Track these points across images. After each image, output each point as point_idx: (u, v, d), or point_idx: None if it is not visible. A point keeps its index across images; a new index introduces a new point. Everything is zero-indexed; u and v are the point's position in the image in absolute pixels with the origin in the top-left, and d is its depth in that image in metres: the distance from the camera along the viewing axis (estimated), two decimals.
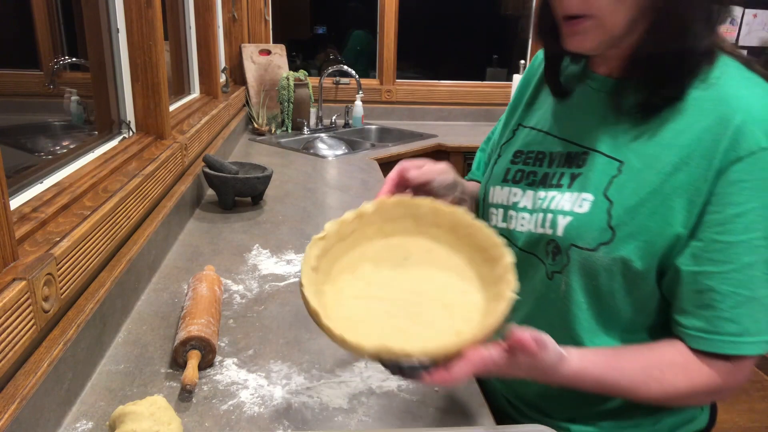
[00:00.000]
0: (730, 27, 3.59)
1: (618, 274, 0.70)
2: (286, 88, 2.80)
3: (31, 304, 0.73)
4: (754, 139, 0.63)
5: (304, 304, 0.61)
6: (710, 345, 0.67)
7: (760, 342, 0.66)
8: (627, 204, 0.69)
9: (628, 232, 0.68)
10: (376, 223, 0.73)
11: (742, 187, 0.63)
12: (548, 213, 0.75)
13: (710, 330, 0.66)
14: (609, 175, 0.71)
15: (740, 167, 0.63)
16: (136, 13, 1.41)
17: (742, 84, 0.67)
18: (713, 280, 0.65)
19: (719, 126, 0.64)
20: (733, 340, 0.65)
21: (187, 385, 0.82)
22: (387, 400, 0.85)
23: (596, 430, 0.81)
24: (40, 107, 1.40)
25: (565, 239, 0.72)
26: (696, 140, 0.66)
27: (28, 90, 1.33)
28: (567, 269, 0.73)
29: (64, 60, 1.42)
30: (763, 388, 2.62)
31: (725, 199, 0.64)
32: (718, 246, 0.65)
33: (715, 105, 0.65)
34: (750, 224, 0.63)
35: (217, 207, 1.69)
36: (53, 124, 1.43)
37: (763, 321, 0.65)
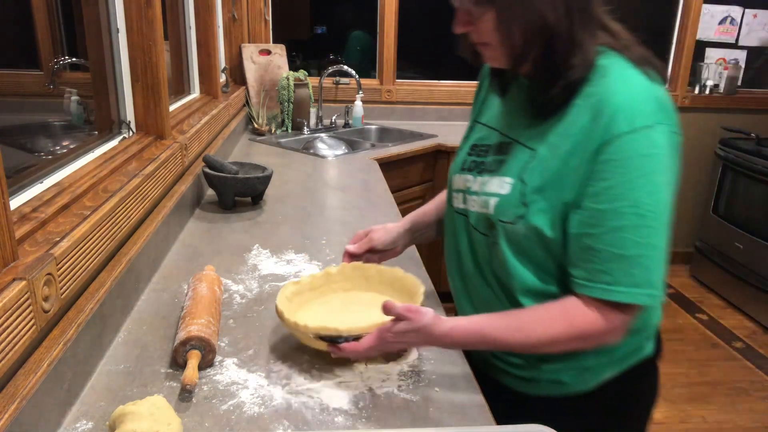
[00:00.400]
0: (730, 27, 3.60)
1: (534, 240, 0.85)
2: (286, 88, 2.80)
3: (31, 304, 0.73)
4: (618, 126, 0.76)
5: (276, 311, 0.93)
6: (589, 291, 0.81)
7: (632, 293, 0.79)
8: (535, 185, 0.83)
9: (538, 207, 0.83)
10: (338, 281, 1.08)
11: (610, 165, 0.77)
12: (483, 195, 0.91)
13: (589, 278, 0.81)
14: (524, 162, 0.86)
15: (609, 149, 0.77)
16: (136, 13, 1.41)
17: (618, 80, 0.80)
18: (590, 240, 0.80)
19: (596, 114, 0.78)
20: (606, 288, 0.79)
21: (187, 385, 0.82)
22: (387, 400, 0.85)
23: (563, 365, 0.92)
24: (40, 107, 1.39)
25: (494, 216, 0.88)
26: (582, 130, 0.80)
27: (28, 90, 1.33)
28: (500, 240, 0.88)
29: (64, 60, 1.42)
30: (763, 388, 2.62)
31: (598, 175, 0.78)
32: (593, 213, 0.79)
33: (596, 100, 0.79)
34: (617, 195, 0.77)
35: (217, 207, 1.69)
36: (53, 124, 1.43)
37: (637, 276, 0.78)
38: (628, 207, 0.77)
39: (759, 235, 3.19)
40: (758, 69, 3.75)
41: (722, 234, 3.48)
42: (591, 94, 0.80)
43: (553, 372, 0.93)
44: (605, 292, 0.79)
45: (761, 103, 3.68)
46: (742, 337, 3.05)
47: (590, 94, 0.80)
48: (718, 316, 3.27)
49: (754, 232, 3.23)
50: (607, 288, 0.79)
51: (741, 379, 2.68)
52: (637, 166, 0.77)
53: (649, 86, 0.79)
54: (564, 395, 0.94)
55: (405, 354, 0.97)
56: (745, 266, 3.28)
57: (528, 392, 0.97)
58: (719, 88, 3.65)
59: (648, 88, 0.79)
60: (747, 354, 2.89)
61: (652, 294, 0.79)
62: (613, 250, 0.78)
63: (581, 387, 0.93)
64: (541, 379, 0.95)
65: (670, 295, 3.53)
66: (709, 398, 2.53)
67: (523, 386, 0.97)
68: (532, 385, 0.96)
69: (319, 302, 1.05)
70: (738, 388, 2.61)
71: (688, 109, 3.66)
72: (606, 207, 0.78)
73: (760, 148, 3.28)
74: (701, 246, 3.68)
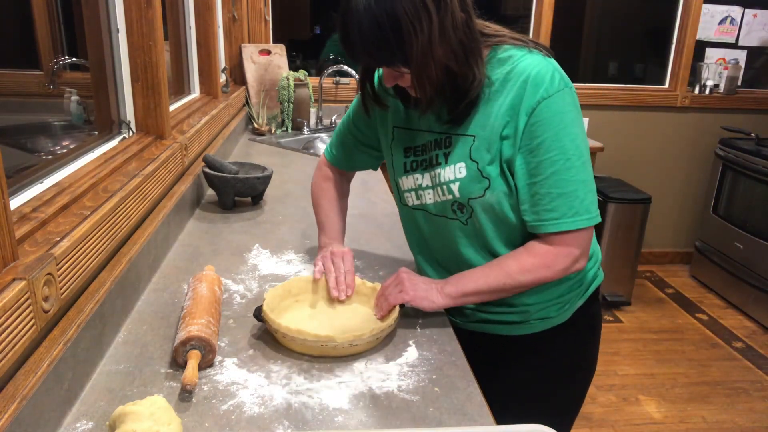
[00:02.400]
0: (730, 27, 3.60)
1: (504, 201, 1.01)
2: (286, 88, 2.80)
3: (31, 304, 0.73)
4: (539, 94, 0.94)
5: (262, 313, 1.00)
6: (543, 228, 0.98)
7: (575, 220, 0.96)
8: (485, 159, 1.00)
9: (495, 174, 0.99)
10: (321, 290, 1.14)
11: (538, 125, 0.95)
12: (442, 185, 1.05)
13: (540, 219, 0.98)
14: (468, 146, 1.01)
15: (535, 113, 0.95)
16: (136, 13, 1.41)
17: (525, 60, 0.97)
18: (535, 187, 0.97)
19: (521, 90, 0.95)
20: (555, 222, 0.97)
21: (187, 385, 0.82)
22: (387, 400, 0.86)
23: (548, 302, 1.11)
24: (40, 107, 1.39)
25: (463, 197, 1.03)
26: (511, 106, 0.97)
27: (28, 90, 1.33)
28: (474, 214, 1.04)
29: (64, 60, 1.42)
30: (763, 388, 2.62)
31: (530, 134, 0.96)
32: (532, 165, 0.96)
33: (515, 80, 0.96)
34: (548, 147, 0.95)
35: (217, 207, 1.69)
36: (53, 124, 1.43)
37: (576, 206, 0.96)
38: (558, 154, 0.95)
39: (759, 235, 3.19)
40: (758, 69, 3.75)
41: (722, 234, 3.48)
42: (506, 79, 0.97)
43: (542, 311, 1.11)
44: (555, 225, 0.97)
45: (761, 103, 3.68)
46: (742, 337, 3.05)
47: (506, 80, 0.97)
48: (718, 316, 3.27)
49: (754, 232, 3.23)
50: (555, 222, 0.97)
51: (741, 379, 2.68)
52: (558, 122, 0.95)
53: (548, 61, 0.97)
54: (549, 329, 1.13)
55: (405, 354, 0.97)
56: (745, 266, 3.28)
57: (519, 334, 1.14)
58: (719, 88, 3.65)
59: (549, 63, 0.97)
60: (747, 354, 2.90)
61: (590, 217, 0.97)
62: (553, 191, 0.96)
63: (563, 318, 1.13)
64: (530, 320, 1.12)
65: (670, 295, 3.53)
66: (709, 398, 2.53)
67: (515, 330, 1.14)
68: (524, 326, 1.13)
69: (300, 307, 1.12)
70: (738, 388, 2.61)
71: (688, 109, 3.66)
72: (540, 158, 0.95)
73: (760, 148, 3.28)
74: (701, 246, 3.68)
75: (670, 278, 3.76)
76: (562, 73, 0.97)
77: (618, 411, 2.43)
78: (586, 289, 1.15)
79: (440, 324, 1.07)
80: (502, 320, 1.13)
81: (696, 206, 3.83)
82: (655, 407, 2.46)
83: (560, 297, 1.11)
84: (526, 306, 1.11)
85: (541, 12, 3.39)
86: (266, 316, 0.97)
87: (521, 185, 0.98)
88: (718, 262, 3.49)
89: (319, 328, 1.01)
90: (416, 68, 0.90)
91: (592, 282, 1.16)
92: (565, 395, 1.21)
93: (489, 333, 1.16)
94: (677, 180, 3.80)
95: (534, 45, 1.01)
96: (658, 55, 3.69)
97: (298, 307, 1.10)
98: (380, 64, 0.96)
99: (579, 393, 1.24)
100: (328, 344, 0.92)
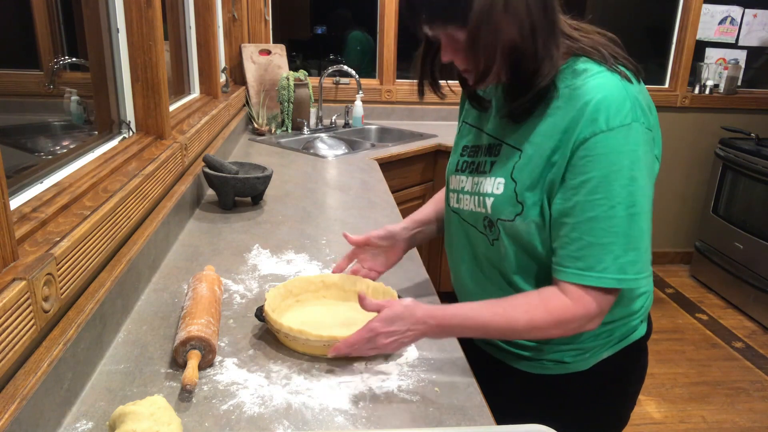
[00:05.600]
0: (730, 27, 3.60)
1: (534, 233, 0.91)
2: (286, 88, 2.80)
3: (31, 304, 0.73)
4: (597, 124, 0.82)
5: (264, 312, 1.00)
6: (564, 275, 0.87)
7: (603, 277, 0.84)
8: (526, 182, 0.90)
9: (532, 202, 0.89)
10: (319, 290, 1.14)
11: (588, 161, 0.83)
12: (480, 196, 0.96)
13: (565, 264, 0.87)
14: (513, 162, 0.92)
15: (586, 145, 0.83)
16: (136, 13, 1.41)
17: (595, 82, 0.85)
18: (567, 229, 0.86)
19: (579, 114, 0.84)
20: (579, 273, 0.85)
21: (187, 385, 0.82)
22: (387, 400, 0.86)
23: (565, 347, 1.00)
24: (40, 107, 1.39)
25: (493, 215, 0.94)
26: (564, 130, 0.85)
27: (28, 90, 1.33)
28: (500, 236, 0.94)
29: (64, 60, 1.42)
30: (763, 388, 2.62)
31: (577, 169, 0.84)
32: (570, 204, 0.85)
33: (576, 101, 0.85)
34: (593, 188, 0.83)
35: (217, 207, 1.69)
36: (53, 124, 1.43)
37: (607, 262, 0.83)
38: (602, 199, 0.83)
39: (759, 235, 3.19)
40: (758, 69, 3.75)
41: (722, 234, 3.48)
42: (572, 96, 0.86)
43: (556, 353, 1.00)
44: (578, 277, 0.85)
45: (761, 103, 3.68)
46: (742, 337, 3.05)
47: (570, 97, 0.86)
48: (718, 316, 3.27)
49: (754, 232, 3.23)
50: (580, 273, 0.85)
51: (741, 379, 2.68)
52: (613, 162, 0.82)
53: (624, 86, 0.84)
54: (565, 374, 1.01)
55: (405, 354, 0.97)
56: (745, 266, 3.28)
57: (533, 372, 1.03)
58: (719, 88, 3.65)
59: (623, 88, 0.84)
60: (747, 354, 2.89)
61: (622, 279, 0.84)
62: (586, 238, 0.84)
63: (581, 366, 1.01)
64: (543, 360, 1.02)
65: (670, 295, 3.53)
66: (709, 398, 2.53)
67: (528, 367, 1.04)
68: (536, 365, 1.03)
69: (301, 307, 1.11)
70: (738, 388, 2.61)
71: (688, 109, 3.66)
72: (582, 199, 0.84)
73: (760, 148, 3.28)
74: (701, 246, 3.68)
75: (670, 278, 3.76)
76: (638, 104, 0.84)
77: None
78: (617, 342, 1.01)
79: None
80: (515, 353, 1.04)
81: (696, 206, 3.83)
82: (655, 407, 2.46)
83: (579, 344, 0.99)
84: (539, 344, 1.01)
85: None
86: (268, 317, 0.97)
87: (553, 220, 0.88)
88: (718, 262, 3.49)
89: (321, 327, 1.01)
90: (472, 31, 0.81)
91: (626, 336, 1.02)
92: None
93: (500, 361, 1.08)
94: (677, 180, 3.80)
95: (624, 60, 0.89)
96: (658, 55, 3.69)
97: (298, 306, 1.10)
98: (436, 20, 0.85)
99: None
100: (330, 344, 0.92)
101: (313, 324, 1.04)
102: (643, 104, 0.85)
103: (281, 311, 1.06)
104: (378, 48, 3.35)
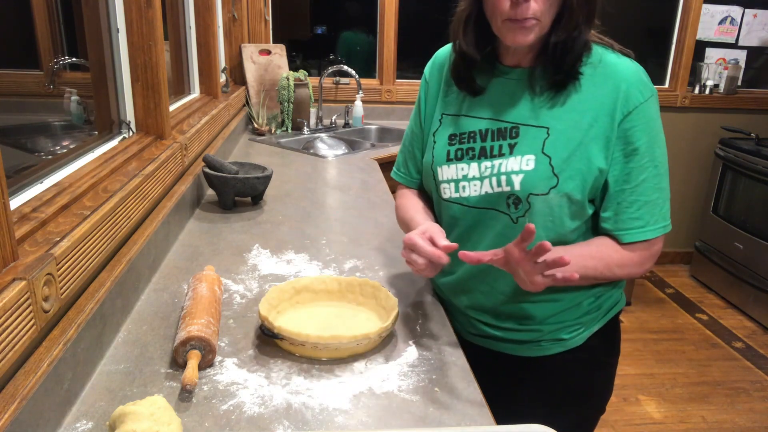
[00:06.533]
0: (730, 27, 3.60)
1: (565, 206, 0.97)
2: (286, 88, 2.80)
3: (31, 304, 0.73)
4: (636, 97, 0.93)
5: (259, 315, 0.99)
6: (629, 237, 0.97)
7: (656, 228, 0.97)
8: (561, 156, 0.95)
9: (568, 175, 0.95)
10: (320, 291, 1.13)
11: (634, 131, 0.94)
12: (501, 176, 0.99)
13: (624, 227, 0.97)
14: (541, 139, 0.97)
15: (631, 117, 0.93)
16: (136, 13, 1.41)
17: (617, 61, 0.97)
18: (625, 195, 0.96)
19: (613, 92, 0.94)
20: (640, 230, 0.97)
21: (187, 385, 0.82)
22: (387, 400, 0.86)
23: (562, 324, 1.06)
24: (40, 107, 1.39)
25: (523, 191, 0.97)
26: (600, 104, 0.94)
27: (28, 90, 1.33)
28: (529, 212, 0.98)
29: (64, 60, 1.42)
30: (763, 388, 2.62)
31: (625, 140, 0.94)
32: (626, 171, 0.95)
33: (606, 78, 0.95)
34: (642, 153, 0.94)
35: (217, 207, 1.69)
36: (53, 124, 1.43)
37: (656, 214, 0.97)
38: (648, 161, 0.95)
39: (759, 235, 3.19)
40: (758, 69, 3.75)
41: (722, 234, 3.48)
42: (596, 74, 0.96)
43: (553, 332, 1.07)
44: (641, 234, 0.96)
45: (761, 103, 3.68)
46: (742, 337, 3.05)
47: (595, 75, 0.96)
48: (718, 316, 3.27)
49: (754, 232, 3.23)
50: (641, 230, 0.96)
51: (741, 379, 2.68)
52: (653, 128, 0.95)
53: (637, 65, 0.98)
54: (561, 352, 1.08)
55: (405, 354, 0.97)
56: (745, 266, 3.28)
57: (529, 355, 1.09)
58: (719, 88, 3.65)
59: (638, 67, 0.97)
60: (747, 354, 2.90)
61: (666, 225, 0.98)
62: (641, 198, 0.95)
63: (577, 342, 1.08)
64: (542, 340, 1.08)
65: (670, 295, 3.53)
66: (709, 398, 2.53)
67: (525, 351, 1.09)
68: (534, 347, 1.09)
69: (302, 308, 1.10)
70: (738, 388, 2.61)
71: (688, 109, 3.66)
72: (635, 165, 0.94)
73: (760, 148, 3.28)
74: (701, 246, 3.68)
75: (670, 278, 3.76)
76: (650, 80, 0.97)
77: (618, 411, 2.43)
78: (605, 314, 1.10)
79: (440, 324, 1.07)
80: (512, 339, 1.09)
81: (696, 206, 3.83)
82: (655, 407, 2.46)
83: (576, 320, 1.06)
84: (538, 326, 1.06)
85: None
86: (287, 331, 0.94)
87: (611, 192, 0.97)
88: (718, 262, 3.49)
89: (319, 328, 1.01)
90: None
91: (612, 307, 1.11)
92: (576, 419, 1.14)
93: (496, 351, 1.12)
94: (677, 180, 3.80)
95: (619, 49, 1.00)
96: (658, 55, 3.69)
97: (294, 309, 1.09)
98: None
99: (591, 416, 1.18)
100: (330, 345, 0.93)
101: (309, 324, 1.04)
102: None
103: (275, 316, 1.04)
104: (378, 48, 3.35)
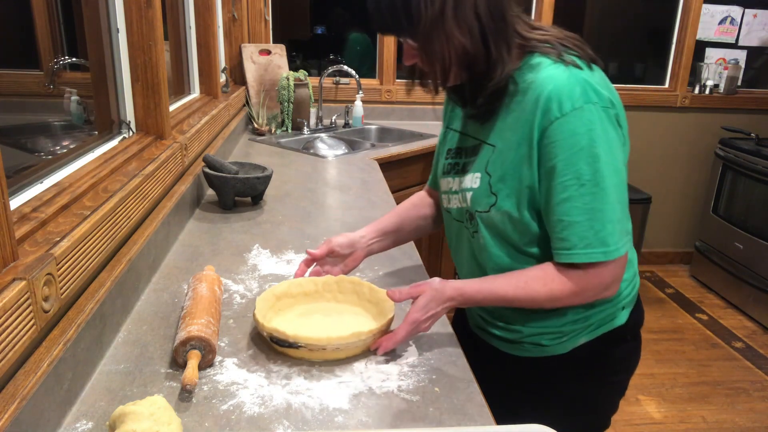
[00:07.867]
0: (730, 27, 3.60)
1: (507, 222, 0.97)
2: (286, 88, 2.80)
3: (31, 304, 0.73)
4: (552, 113, 0.88)
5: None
6: (557, 257, 0.93)
7: (588, 252, 0.90)
8: (498, 175, 0.96)
9: (505, 193, 0.95)
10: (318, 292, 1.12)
11: (551, 147, 0.89)
12: (462, 192, 1.03)
13: (554, 247, 0.93)
14: (487, 157, 0.98)
15: (547, 134, 0.89)
16: (136, 13, 1.41)
17: (546, 74, 0.90)
18: (550, 214, 0.92)
19: (534, 107, 0.90)
20: (567, 253, 0.91)
21: (187, 385, 0.82)
22: (387, 400, 0.86)
23: (543, 330, 1.04)
24: (40, 107, 1.39)
25: (472, 208, 1.01)
26: (525, 121, 0.91)
27: (28, 90, 1.33)
28: (479, 228, 1.01)
29: (64, 60, 1.42)
30: (763, 388, 2.62)
31: (544, 157, 0.90)
32: (547, 190, 0.91)
33: (531, 94, 0.91)
34: (560, 171, 0.89)
35: (217, 207, 1.69)
36: (53, 124, 1.43)
37: (589, 238, 0.89)
38: (571, 180, 0.88)
39: (759, 235, 3.19)
40: (758, 69, 3.75)
41: (722, 234, 3.48)
42: (527, 90, 0.92)
43: (534, 336, 1.05)
44: (568, 256, 0.91)
45: (761, 103, 3.68)
46: (742, 337, 3.05)
47: (526, 91, 0.92)
48: (718, 316, 3.27)
49: (754, 232, 3.23)
50: (567, 253, 0.91)
51: (741, 379, 2.68)
52: (572, 144, 0.87)
53: (572, 73, 0.89)
54: (544, 357, 1.06)
55: (405, 354, 0.97)
56: (745, 266, 3.28)
57: (514, 354, 1.09)
58: (719, 88, 3.65)
59: (571, 75, 0.89)
60: (747, 354, 2.89)
61: (606, 251, 0.90)
62: (564, 218, 0.90)
63: (558, 350, 1.05)
64: (523, 342, 1.07)
65: (670, 295, 3.53)
66: (709, 398, 2.53)
67: (509, 348, 1.09)
68: (516, 347, 1.08)
69: (303, 306, 1.10)
70: (738, 388, 2.61)
71: (688, 109, 3.66)
72: (554, 183, 0.89)
73: (760, 148, 3.28)
74: (701, 246, 3.68)
75: (670, 278, 3.76)
76: (588, 87, 0.88)
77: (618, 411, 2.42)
78: (596, 328, 1.04)
79: (440, 324, 1.07)
80: (501, 336, 1.10)
81: (696, 206, 3.83)
82: (655, 407, 2.46)
83: (558, 328, 1.03)
84: (518, 327, 1.06)
85: (541, 12, 3.39)
86: (305, 339, 0.92)
87: (542, 210, 0.94)
88: (718, 262, 3.49)
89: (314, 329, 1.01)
90: (423, 40, 0.89)
91: (605, 323, 1.04)
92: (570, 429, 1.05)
93: (494, 347, 1.13)
94: (677, 180, 3.80)
95: (576, 49, 0.94)
96: (658, 55, 3.69)
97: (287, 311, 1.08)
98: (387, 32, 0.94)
99: (588, 429, 1.14)
100: (351, 344, 0.93)
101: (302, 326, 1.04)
102: (597, 86, 0.89)
103: (270, 318, 1.03)
104: (378, 48, 3.35)
